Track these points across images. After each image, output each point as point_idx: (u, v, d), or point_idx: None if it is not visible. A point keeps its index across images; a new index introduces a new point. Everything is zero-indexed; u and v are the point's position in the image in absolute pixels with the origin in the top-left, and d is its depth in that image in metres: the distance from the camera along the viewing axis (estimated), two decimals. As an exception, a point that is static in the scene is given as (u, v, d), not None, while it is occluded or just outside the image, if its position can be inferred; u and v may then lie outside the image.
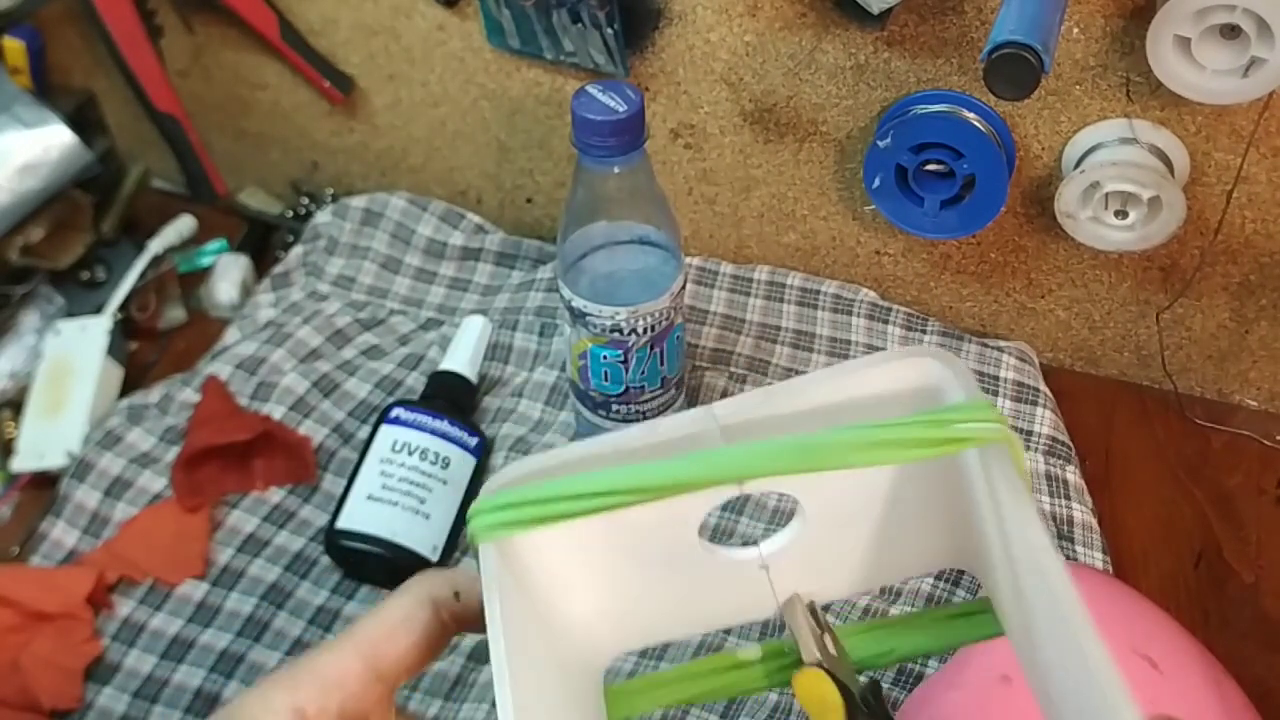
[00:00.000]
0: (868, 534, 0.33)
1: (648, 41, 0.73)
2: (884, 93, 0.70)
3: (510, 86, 0.80)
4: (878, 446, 0.28)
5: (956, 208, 0.69)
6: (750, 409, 0.31)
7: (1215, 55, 0.57)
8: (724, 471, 0.28)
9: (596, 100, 0.57)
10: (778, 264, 0.81)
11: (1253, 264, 0.69)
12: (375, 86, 0.84)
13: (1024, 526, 0.28)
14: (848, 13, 0.65)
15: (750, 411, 0.30)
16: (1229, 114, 0.63)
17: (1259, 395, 0.76)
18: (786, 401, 0.30)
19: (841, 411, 0.31)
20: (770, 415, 0.30)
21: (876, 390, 0.31)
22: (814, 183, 0.76)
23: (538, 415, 0.74)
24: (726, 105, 0.74)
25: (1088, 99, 0.65)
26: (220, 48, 0.86)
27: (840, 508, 0.32)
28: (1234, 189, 0.66)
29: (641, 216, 0.62)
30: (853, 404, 0.31)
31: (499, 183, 0.87)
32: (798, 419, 0.30)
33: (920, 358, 0.31)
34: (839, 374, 0.31)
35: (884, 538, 0.33)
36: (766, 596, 0.34)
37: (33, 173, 0.76)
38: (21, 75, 0.82)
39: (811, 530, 0.33)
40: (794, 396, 0.31)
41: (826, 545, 0.33)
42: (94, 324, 0.77)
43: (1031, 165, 0.70)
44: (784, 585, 0.34)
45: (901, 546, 0.34)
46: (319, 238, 0.85)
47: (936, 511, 0.32)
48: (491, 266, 0.84)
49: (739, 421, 0.30)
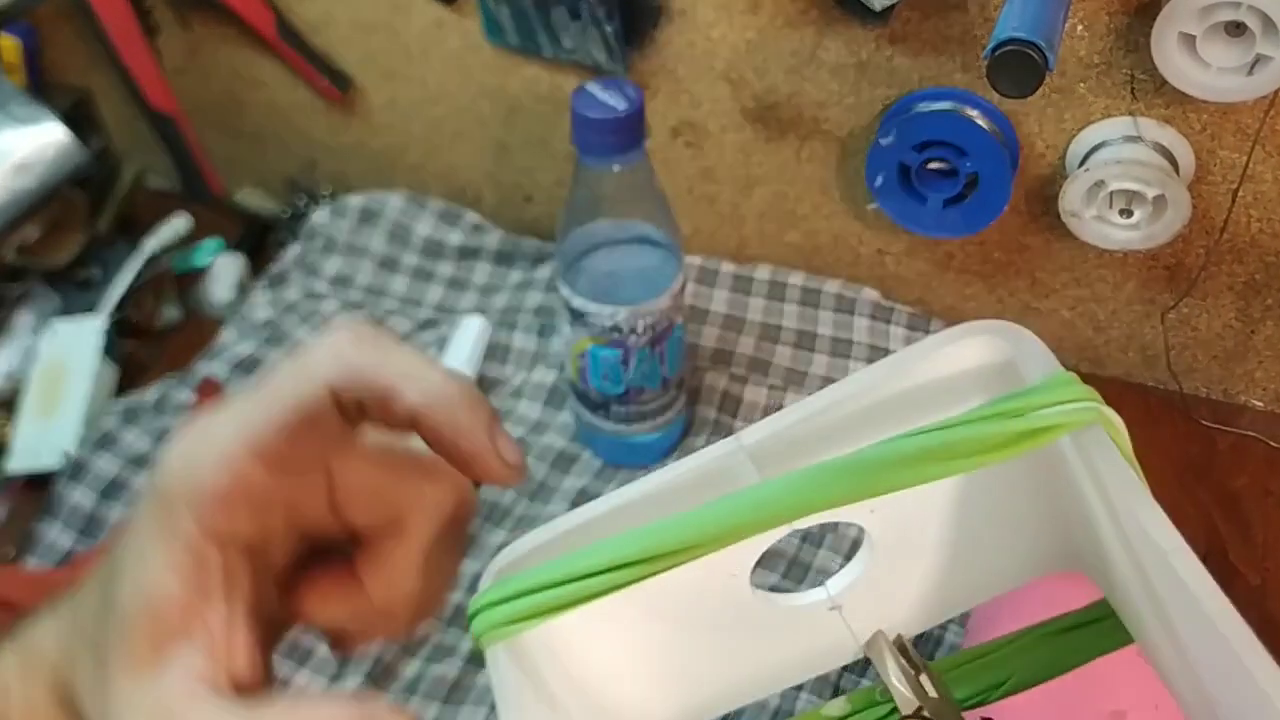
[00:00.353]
0: (952, 549, 0.28)
1: (648, 39, 0.72)
2: (886, 90, 0.69)
3: (509, 84, 0.79)
4: (948, 454, 0.23)
5: (960, 206, 0.68)
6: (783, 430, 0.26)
7: (1220, 53, 0.57)
8: (768, 513, 0.23)
9: (596, 98, 0.57)
10: (779, 263, 0.81)
11: (1258, 263, 0.69)
12: (373, 84, 0.84)
13: (1143, 523, 0.23)
14: (850, 10, 0.65)
15: (783, 433, 0.26)
16: (1234, 112, 0.63)
17: (1265, 396, 0.75)
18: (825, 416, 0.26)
19: (893, 414, 0.26)
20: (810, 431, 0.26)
21: (932, 382, 0.26)
22: (816, 181, 0.76)
23: (537, 416, 0.74)
24: (727, 103, 0.74)
25: (1092, 97, 0.65)
26: (217, 45, 0.86)
27: (914, 526, 0.27)
28: (1239, 187, 0.65)
29: (641, 215, 0.62)
30: (905, 403, 0.26)
31: (498, 181, 0.86)
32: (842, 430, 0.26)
33: (980, 335, 0.26)
34: (883, 372, 0.26)
35: (973, 550, 0.28)
36: (843, 640, 0.29)
37: (28, 171, 0.76)
38: (17, 73, 0.81)
39: (884, 557, 0.28)
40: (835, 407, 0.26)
41: (905, 571, 0.29)
42: (89, 324, 0.77)
43: (1035, 163, 0.69)
44: (862, 623, 0.29)
45: (996, 557, 0.29)
46: (316, 237, 0.84)
47: (1033, 509, 0.27)
48: (490, 265, 0.84)
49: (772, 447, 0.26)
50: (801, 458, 0.26)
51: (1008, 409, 0.23)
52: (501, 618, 0.24)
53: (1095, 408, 0.23)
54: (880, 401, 0.26)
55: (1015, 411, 0.23)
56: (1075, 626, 0.29)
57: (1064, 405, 0.23)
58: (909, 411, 0.26)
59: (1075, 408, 0.23)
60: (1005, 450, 0.23)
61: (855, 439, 0.25)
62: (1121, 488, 0.23)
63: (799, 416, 0.26)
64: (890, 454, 0.23)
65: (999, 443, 0.23)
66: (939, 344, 0.26)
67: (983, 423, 0.23)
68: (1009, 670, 0.29)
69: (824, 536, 0.66)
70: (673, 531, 0.23)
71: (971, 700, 0.28)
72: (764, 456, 0.26)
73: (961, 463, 0.23)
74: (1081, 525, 0.26)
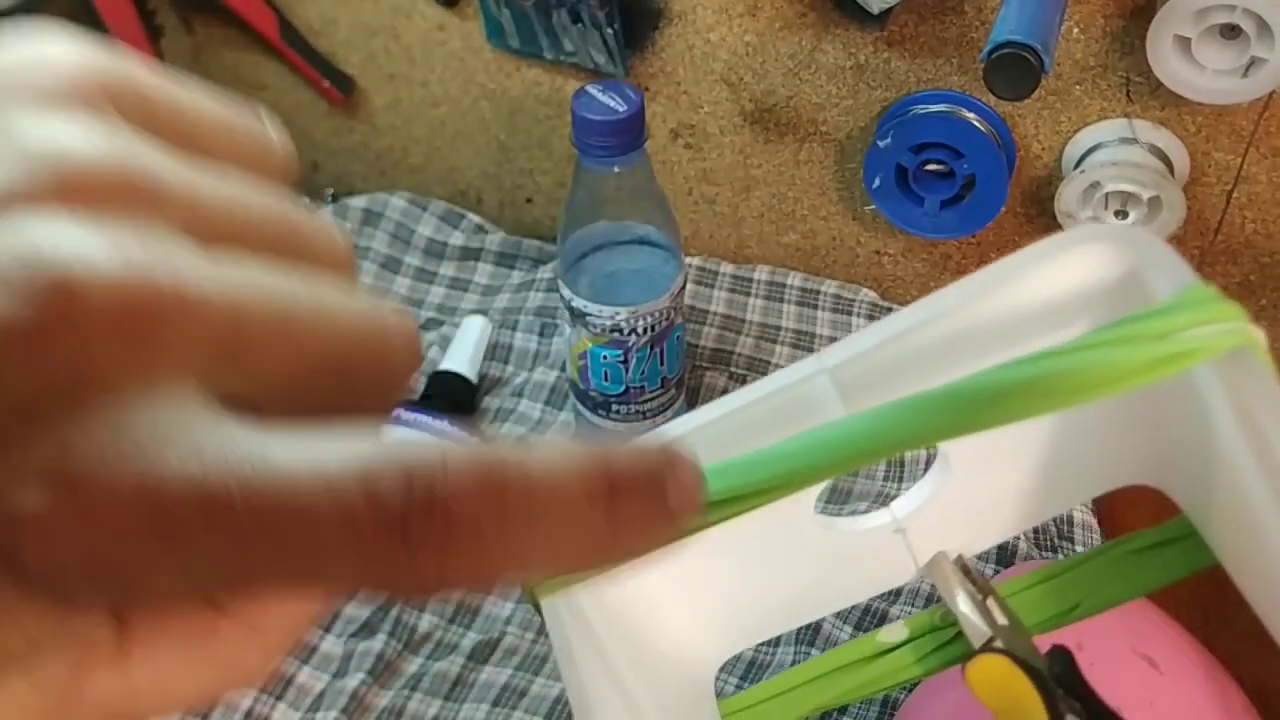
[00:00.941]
0: (1027, 466, 0.26)
1: (648, 41, 0.73)
2: (884, 93, 0.70)
3: (510, 86, 0.80)
4: (1074, 383, 0.19)
5: (956, 208, 0.69)
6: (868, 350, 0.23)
7: (1215, 55, 0.57)
8: (856, 452, 0.20)
9: (596, 100, 0.57)
10: (778, 264, 0.81)
11: (1253, 264, 0.69)
12: (375, 86, 0.84)
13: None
14: (848, 13, 0.65)
15: (869, 354, 0.23)
16: (1229, 114, 0.63)
17: (1259, 395, 0.76)
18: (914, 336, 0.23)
19: (993, 335, 0.22)
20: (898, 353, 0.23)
21: (1039, 297, 0.22)
22: (814, 183, 0.76)
23: (538, 415, 0.74)
24: (726, 105, 0.74)
25: (1088, 99, 0.65)
26: (220, 48, 0.86)
27: (995, 442, 0.23)
28: (1234, 189, 0.66)
29: (641, 216, 0.62)
30: (1008, 323, 0.22)
31: (499, 183, 0.87)
32: (936, 353, 0.23)
33: (1095, 242, 0.22)
34: (979, 285, 0.22)
35: (1048, 464, 0.26)
36: (901, 561, 0.26)
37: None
38: (21, 75, 0.82)
39: (957, 478, 0.26)
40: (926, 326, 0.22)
41: (976, 490, 0.26)
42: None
43: (1031, 165, 0.70)
44: (924, 545, 0.26)
45: (1069, 469, 0.26)
46: (319, 238, 0.85)
47: (1122, 419, 0.24)
48: (491, 266, 0.84)
49: (856, 369, 0.23)
50: (889, 383, 0.22)
51: (1141, 331, 0.19)
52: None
53: (1244, 328, 0.20)
54: (978, 321, 0.22)
55: (1150, 334, 0.19)
56: (1153, 547, 0.26)
57: (1208, 326, 0.20)
58: (1013, 332, 0.22)
59: (1221, 329, 0.20)
60: (1139, 378, 0.19)
61: (950, 363, 0.22)
62: (1273, 415, 0.20)
63: (886, 335, 0.23)
64: (1001, 383, 0.19)
65: (1132, 370, 0.19)
66: (1046, 251, 0.22)
67: (1113, 347, 0.19)
68: (1080, 593, 0.26)
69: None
70: (750, 471, 0.20)
71: (1040, 626, 0.26)
72: (847, 380, 0.23)
73: (1089, 392, 0.19)
74: (1172, 434, 0.23)
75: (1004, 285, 0.22)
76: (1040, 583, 0.27)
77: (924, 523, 0.26)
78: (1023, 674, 0.24)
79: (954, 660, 0.27)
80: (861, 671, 0.27)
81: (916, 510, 0.26)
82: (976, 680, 0.25)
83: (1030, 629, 0.26)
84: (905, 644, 0.27)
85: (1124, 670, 0.48)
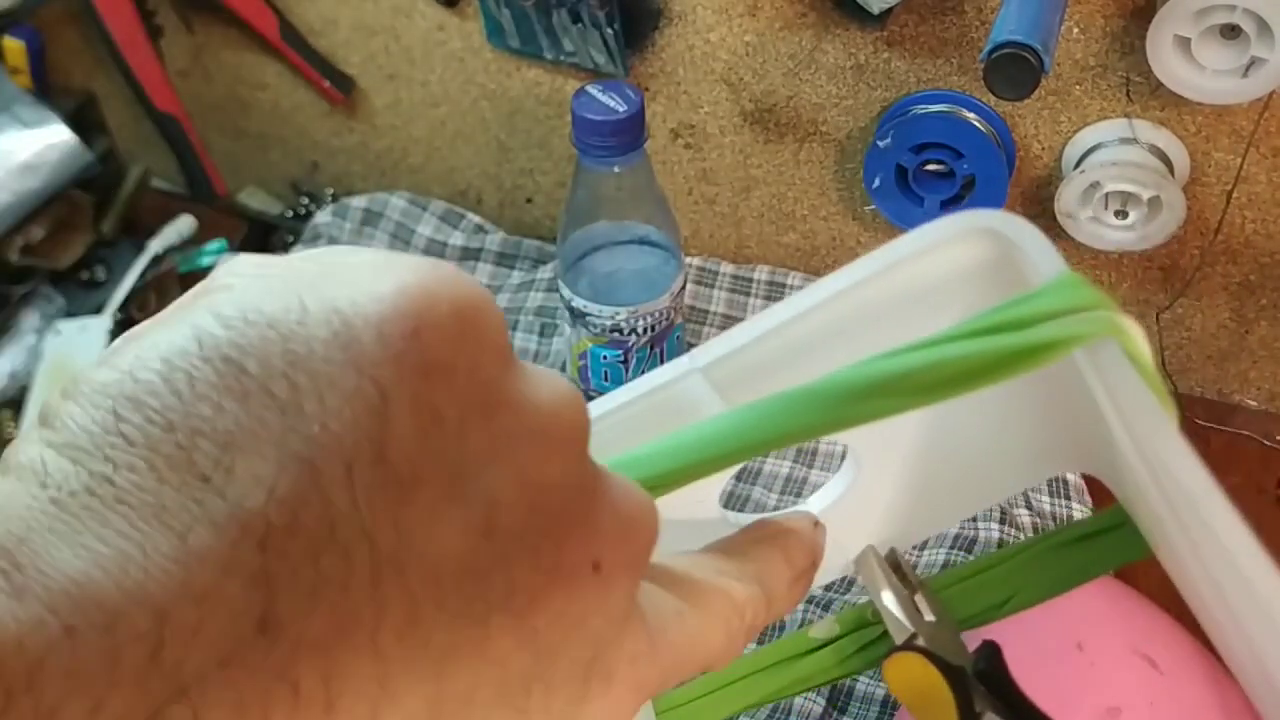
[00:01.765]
0: (946, 454, 0.25)
1: (648, 41, 0.73)
2: (884, 93, 0.70)
3: (510, 86, 0.80)
4: (937, 378, 0.19)
5: (956, 208, 0.69)
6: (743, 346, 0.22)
7: (1215, 55, 0.57)
8: (727, 450, 0.20)
9: (596, 100, 0.57)
10: (778, 264, 0.81)
11: (1253, 264, 0.69)
12: (375, 86, 0.84)
13: (1161, 452, 0.20)
14: (848, 13, 0.65)
15: (744, 350, 0.22)
16: (1229, 114, 0.63)
17: (1259, 395, 0.76)
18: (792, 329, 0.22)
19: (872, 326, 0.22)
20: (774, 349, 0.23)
21: (917, 286, 0.22)
22: (814, 183, 0.76)
23: (538, 415, 0.74)
24: (726, 105, 0.74)
25: (1088, 99, 0.65)
26: (220, 48, 0.86)
27: (901, 434, 0.24)
28: (1234, 189, 0.66)
29: (641, 216, 0.62)
30: (885, 311, 0.22)
31: (499, 183, 0.87)
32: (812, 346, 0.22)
33: (971, 227, 0.22)
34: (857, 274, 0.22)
35: (971, 453, 0.25)
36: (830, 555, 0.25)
37: (33, 172, 0.76)
38: (21, 75, 0.82)
39: (870, 470, 0.25)
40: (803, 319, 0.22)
41: (891, 483, 0.25)
42: (94, 324, 0.77)
43: (1031, 165, 0.70)
44: (850, 538, 0.26)
45: (996, 459, 0.26)
46: (319, 238, 0.85)
47: (1038, 406, 0.24)
48: (491, 266, 0.84)
49: (731, 366, 0.22)
50: (765, 379, 0.22)
51: (1006, 320, 0.19)
52: None
53: (1108, 317, 0.19)
54: (853, 312, 0.22)
55: (1017, 322, 0.19)
56: (1088, 536, 0.26)
57: (1073, 315, 0.19)
58: (887, 322, 0.22)
59: (1087, 319, 0.19)
60: (1003, 371, 0.19)
61: (828, 356, 0.21)
62: (1140, 416, 0.20)
63: (761, 330, 0.22)
64: (870, 378, 0.19)
65: (999, 360, 0.19)
66: (923, 238, 0.22)
67: (975, 338, 0.19)
68: (1013, 586, 0.26)
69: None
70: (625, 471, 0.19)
71: (970, 621, 0.26)
72: (723, 378, 0.22)
73: (958, 385, 0.19)
74: (1093, 426, 0.23)
75: (880, 275, 0.22)
76: (973, 575, 0.26)
77: (844, 516, 0.26)
78: (936, 671, 0.23)
79: (876, 660, 0.26)
80: (791, 669, 0.27)
81: (832, 505, 0.26)
82: (893, 678, 0.24)
83: (962, 623, 0.26)
84: (834, 641, 0.27)
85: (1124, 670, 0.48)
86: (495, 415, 0.16)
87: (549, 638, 0.16)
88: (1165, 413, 0.20)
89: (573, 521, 0.17)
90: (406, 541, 0.15)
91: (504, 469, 0.16)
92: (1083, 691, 0.49)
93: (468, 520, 0.15)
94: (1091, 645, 0.48)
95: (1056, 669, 0.47)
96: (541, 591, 0.16)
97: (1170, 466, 0.20)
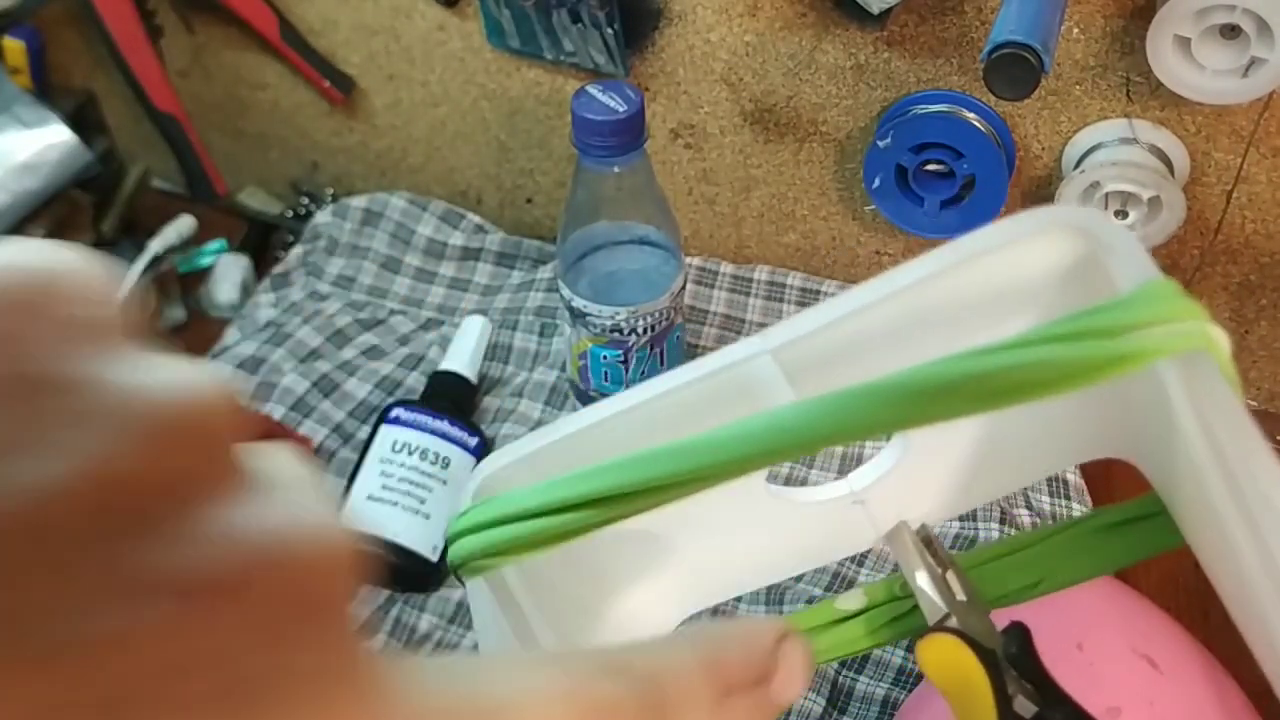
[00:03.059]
0: (991, 433, 0.25)
1: (648, 41, 0.73)
2: (884, 93, 0.70)
3: (510, 86, 0.80)
4: (1019, 382, 0.18)
5: (957, 208, 0.69)
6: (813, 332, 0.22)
7: (1215, 55, 0.57)
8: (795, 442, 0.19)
9: (596, 100, 0.57)
10: (778, 264, 0.81)
11: (1253, 264, 0.69)
12: (375, 86, 0.84)
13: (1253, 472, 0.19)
14: (848, 13, 0.65)
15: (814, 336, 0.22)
16: (1229, 114, 0.63)
17: (1259, 395, 0.76)
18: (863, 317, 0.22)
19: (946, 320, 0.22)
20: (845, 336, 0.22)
21: (994, 281, 0.21)
22: (814, 183, 0.76)
23: (538, 415, 0.74)
24: (726, 105, 0.74)
25: (1088, 99, 0.65)
26: (220, 48, 0.86)
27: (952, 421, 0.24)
28: (1234, 189, 0.66)
29: (641, 216, 0.62)
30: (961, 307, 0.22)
31: (499, 183, 0.87)
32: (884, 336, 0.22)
33: (1054, 225, 0.21)
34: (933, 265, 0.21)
35: (1016, 436, 0.25)
36: (862, 530, 0.26)
37: (32, 172, 0.76)
38: (21, 75, 0.82)
39: (917, 451, 0.25)
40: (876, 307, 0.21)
41: (938, 463, 0.25)
42: (94, 324, 0.77)
43: (1031, 165, 0.70)
44: (885, 514, 0.26)
45: (1038, 441, 0.26)
46: (319, 238, 0.85)
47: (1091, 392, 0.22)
48: (491, 266, 0.84)
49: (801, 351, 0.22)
50: (835, 366, 0.22)
51: (1094, 326, 0.18)
52: (480, 548, 0.20)
53: (1201, 329, 0.19)
54: (930, 304, 0.22)
55: (1105, 330, 0.18)
56: (1122, 522, 0.25)
57: (1165, 325, 0.18)
58: (965, 317, 0.21)
59: (1179, 329, 0.19)
60: (1087, 378, 0.18)
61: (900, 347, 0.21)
62: (1228, 427, 0.19)
63: (833, 316, 0.22)
64: (949, 378, 0.18)
65: (1081, 369, 0.18)
66: (1007, 231, 0.21)
67: (1061, 343, 0.18)
68: (1045, 568, 0.25)
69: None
70: (682, 458, 0.19)
71: (1000, 601, 0.25)
72: (791, 360, 0.22)
73: (1039, 390, 0.18)
74: (1142, 415, 0.22)
75: (959, 268, 0.21)
76: (1005, 555, 0.26)
77: (884, 493, 0.26)
78: (972, 655, 0.23)
79: (906, 634, 0.26)
80: (817, 640, 0.27)
81: (875, 483, 0.26)
82: (927, 659, 0.24)
83: (992, 603, 0.25)
84: (861, 613, 0.27)
85: (1124, 670, 0.48)
86: (45, 395, 0.13)
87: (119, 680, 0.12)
88: (1255, 432, 0.20)
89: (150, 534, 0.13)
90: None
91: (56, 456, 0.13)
92: (1082, 691, 0.49)
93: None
94: (1091, 645, 0.48)
95: (1056, 669, 0.47)
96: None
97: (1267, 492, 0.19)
